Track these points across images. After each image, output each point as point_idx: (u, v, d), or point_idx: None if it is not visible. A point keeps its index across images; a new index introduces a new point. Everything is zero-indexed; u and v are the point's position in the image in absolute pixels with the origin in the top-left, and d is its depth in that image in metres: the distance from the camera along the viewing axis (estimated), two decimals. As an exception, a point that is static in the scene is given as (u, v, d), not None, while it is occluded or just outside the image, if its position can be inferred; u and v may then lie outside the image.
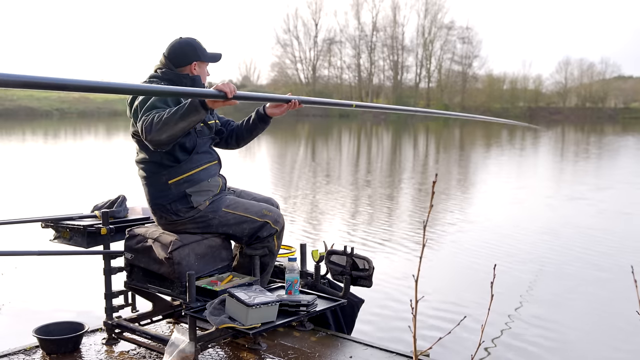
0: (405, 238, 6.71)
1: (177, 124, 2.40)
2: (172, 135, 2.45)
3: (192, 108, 2.37)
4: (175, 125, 2.41)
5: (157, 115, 2.44)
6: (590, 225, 7.59)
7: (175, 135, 2.46)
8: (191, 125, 2.44)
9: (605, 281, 5.13)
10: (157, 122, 2.42)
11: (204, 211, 2.73)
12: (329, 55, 58.48)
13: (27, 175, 11.93)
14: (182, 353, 2.51)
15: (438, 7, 58.73)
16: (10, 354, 2.80)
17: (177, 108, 2.42)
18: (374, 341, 2.98)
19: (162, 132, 2.42)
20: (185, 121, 2.40)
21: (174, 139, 2.50)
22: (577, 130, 35.79)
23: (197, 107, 2.37)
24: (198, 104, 2.37)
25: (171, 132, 2.42)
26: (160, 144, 2.50)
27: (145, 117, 2.48)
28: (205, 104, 2.38)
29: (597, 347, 3.84)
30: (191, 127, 2.48)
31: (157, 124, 2.42)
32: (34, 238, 3.51)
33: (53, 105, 43.93)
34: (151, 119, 2.44)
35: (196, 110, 2.38)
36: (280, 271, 3.13)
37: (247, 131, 3.02)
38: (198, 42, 2.80)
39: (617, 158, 18.24)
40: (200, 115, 2.41)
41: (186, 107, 2.38)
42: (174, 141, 2.52)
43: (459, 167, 15.33)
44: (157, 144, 2.50)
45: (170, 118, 2.40)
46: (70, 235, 3.03)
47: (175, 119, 2.39)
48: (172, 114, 2.41)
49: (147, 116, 2.47)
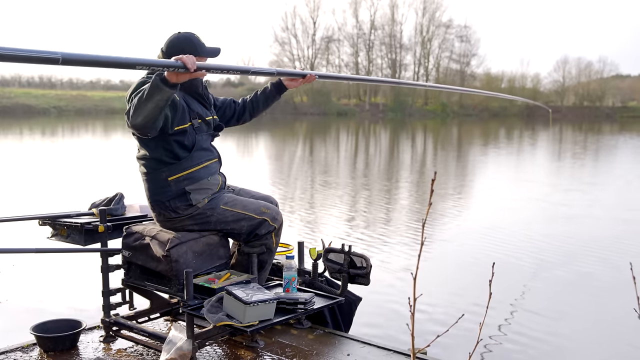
0: (404, 236, 6.72)
1: (146, 104, 2.34)
2: (147, 117, 2.38)
3: (154, 86, 2.29)
4: (145, 106, 2.34)
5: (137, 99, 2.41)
6: (590, 223, 7.61)
7: (150, 116, 2.38)
8: (160, 104, 2.34)
9: (604, 280, 5.13)
10: (131, 106, 2.41)
11: (202, 208, 2.72)
12: (327, 53, 58.53)
13: (24, 172, 11.91)
14: (180, 350, 2.51)
15: (436, 5, 58.88)
16: (8, 351, 2.80)
17: (143, 88, 2.37)
18: (372, 339, 2.98)
19: (136, 115, 2.38)
20: (151, 101, 2.32)
21: (151, 121, 2.41)
22: (575, 129, 35.84)
23: (158, 85, 2.28)
24: (159, 81, 2.27)
25: (145, 113, 2.36)
26: (139, 127, 2.43)
27: (130, 103, 2.48)
28: (167, 81, 2.27)
29: (596, 346, 3.84)
30: (161, 107, 2.37)
31: (132, 108, 2.40)
32: (32, 235, 3.50)
33: (50, 102, 43.86)
34: (130, 105, 2.44)
35: (158, 88, 2.29)
36: (278, 269, 3.13)
37: (264, 102, 3.14)
38: (197, 37, 2.78)
39: (616, 157, 18.27)
40: (164, 93, 2.30)
41: (149, 87, 2.31)
42: (151, 123, 2.42)
43: (457, 165, 15.34)
44: (136, 128, 2.44)
45: (139, 100, 2.35)
46: (68, 232, 3.02)
47: (143, 101, 2.34)
48: (140, 96, 2.36)
49: (131, 101, 2.48)
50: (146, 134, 2.52)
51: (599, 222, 7.70)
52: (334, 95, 54.67)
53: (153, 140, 2.65)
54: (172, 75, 2.25)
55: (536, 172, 13.80)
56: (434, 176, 1.32)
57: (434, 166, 14.76)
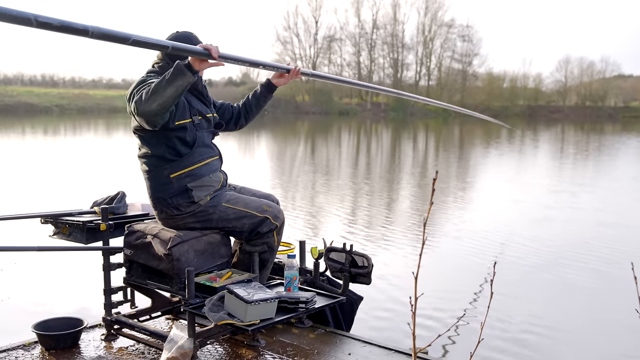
0: (405, 235, 6.71)
1: (166, 89, 2.36)
2: (162, 104, 2.39)
3: (177, 71, 2.33)
4: (164, 92, 2.36)
5: (148, 87, 2.42)
6: (590, 222, 7.60)
7: (166, 103, 2.40)
8: (179, 90, 2.38)
9: (604, 279, 5.13)
10: (146, 91, 2.41)
11: (204, 206, 2.72)
12: (329, 52, 58.54)
13: (26, 171, 11.92)
14: (181, 349, 2.51)
15: (438, 5, 58.93)
16: (10, 349, 2.80)
17: (164, 75, 2.38)
18: (373, 338, 2.98)
19: (152, 100, 2.38)
20: (173, 85, 2.35)
21: (165, 108, 2.43)
22: (577, 129, 35.79)
23: (182, 70, 2.33)
24: (183, 66, 2.33)
25: (161, 99, 2.37)
26: (152, 114, 2.42)
27: (137, 93, 2.48)
28: (192, 67, 2.34)
29: (596, 345, 3.84)
30: (180, 93, 2.40)
31: (147, 94, 2.40)
32: (33, 234, 3.51)
33: (53, 101, 43.92)
34: (142, 92, 2.44)
35: (182, 73, 2.33)
36: (279, 268, 3.13)
37: (256, 104, 3.15)
38: (195, 36, 2.80)
39: (617, 158, 18.24)
40: (187, 78, 2.35)
41: (172, 71, 2.34)
42: (165, 111, 2.44)
43: (458, 164, 15.33)
44: (148, 115, 2.43)
45: (159, 84, 2.37)
46: (70, 231, 3.03)
47: (164, 85, 2.36)
48: (160, 80, 2.38)
49: (139, 91, 2.48)
50: (154, 124, 2.50)
51: (600, 222, 7.68)
52: (336, 94, 54.66)
53: (154, 137, 2.66)
54: (195, 62, 2.36)
55: (537, 172, 13.78)
56: (436, 175, 1.32)
57: (435, 165, 14.75)
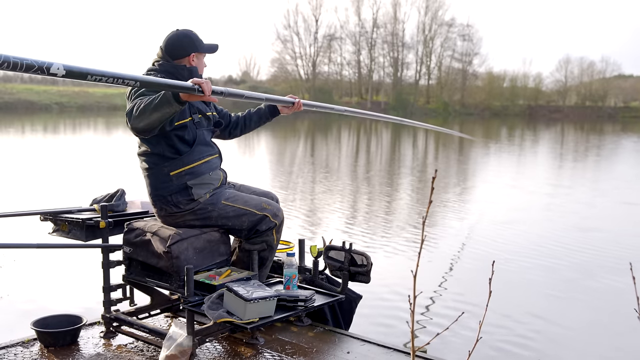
0: (404, 234, 6.72)
1: (152, 114, 2.37)
2: (148, 124, 2.42)
3: (164, 100, 2.33)
4: (150, 115, 2.37)
5: (140, 102, 2.42)
6: (590, 222, 7.60)
7: (152, 125, 2.42)
8: (165, 116, 2.39)
9: (604, 279, 5.13)
10: (136, 109, 2.41)
11: (204, 203, 2.73)
12: (329, 51, 58.47)
13: (26, 168, 11.92)
14: (180, 347, 2.51)
15: (439, 4, 58.71)
16: (9, 346, 2.80)
17: (153, 98, 2.38)
18: (372, 337, 2.99)
19: (139, 120, 2.41)
20: (159, 112, 2.36)
21: (152, 128, 2.46)
22: (577, 129, 35.79)
23: (169, 100, 2.31)
24: (171, 97, 2.30)
25: (147, 121, 2.40)
26: (139, 131, 2.48)
27: (132, 104, 2.48)
28: (179, 98, 2.31)
29: (596, 344, 3.84)
30: (167, 119, 2.42)
31: (136, 111, 2.41)
32: (33, 231, 3.50)
33: (52, 99, 43.87)
34: (132, 106, 2.45)
35: (168, 103, 2.32)
36: (278, 266, 3.13)
37: (256, 121, 3.16)
38: (195, 34, 2.81)
39: (617, 157, 18.24)
40: (173, 108, 2.34)
41: (159, 99, 2.34)
42: (152, 130, 2.48)
43: (457, 163, 15.33)
44: (136, 131, 2.49)
45: (147, 107, 2.37)
46: (69, 228, 3.03)
47: (150, 109, 2.36)
48: (148, 103, 2.38)
49: (133, 103, 2.47)
50: (145, 136, 2.57)
51: (600, 222, 7.69)
52: (336, 93, 54.65)
53: (154, 136, 2.66)
54: (185, 94, 2.29)
55: (537, 171, 13.79)
56: (435, 174, 1.32)
57: (435, 164, 14.76)
